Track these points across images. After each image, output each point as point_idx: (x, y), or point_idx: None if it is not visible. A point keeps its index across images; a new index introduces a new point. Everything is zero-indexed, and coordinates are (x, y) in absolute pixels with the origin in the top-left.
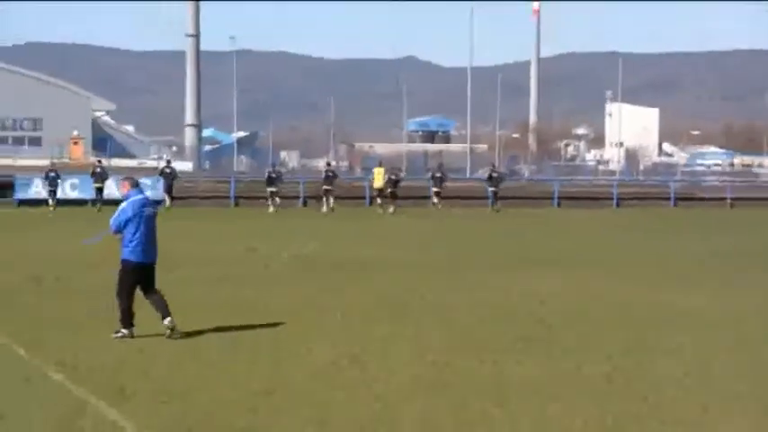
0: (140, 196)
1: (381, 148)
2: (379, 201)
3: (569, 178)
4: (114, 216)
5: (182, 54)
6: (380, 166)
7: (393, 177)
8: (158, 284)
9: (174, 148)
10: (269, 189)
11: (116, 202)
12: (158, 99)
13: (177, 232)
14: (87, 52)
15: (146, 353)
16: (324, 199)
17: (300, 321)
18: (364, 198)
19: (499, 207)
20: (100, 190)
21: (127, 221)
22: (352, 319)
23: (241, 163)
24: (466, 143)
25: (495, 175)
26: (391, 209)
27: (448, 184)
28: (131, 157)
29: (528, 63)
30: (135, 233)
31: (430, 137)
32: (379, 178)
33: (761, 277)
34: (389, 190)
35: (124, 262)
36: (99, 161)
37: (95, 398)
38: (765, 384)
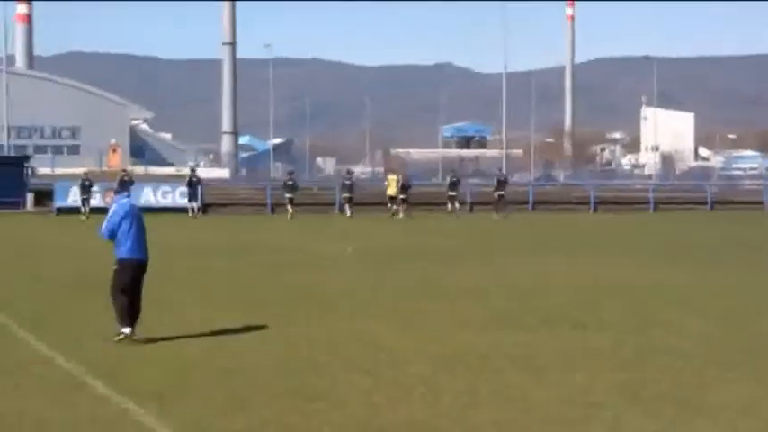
0: (126, 199)
1: (418, 154)
2: (393, 207)
3: (605, 183)
4: (105, 222)
5: (218, 63)
6: (393, 173)
7: (404, 184)
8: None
9: (211, 156)
10: (287, 196)
11: (159, 209)
12: (195, 107)
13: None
14: (126, 61)
15: (182, 358)
16: (346, 206)
17: (357, 300)
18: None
19: (507, 213)
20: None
21: (120, 222)
22: (398, 297)
23: (277, 170)
24: (502, 148)
25: (500, 179)
26: (401, 214)
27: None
28: (169, 164)
29: (562, 68)
30: (129, 231)
31: (466, 142)
32: (392, 185)
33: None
34: (401, 196)
35: (121, 261)
36: (124, 170)
37: (134, 404)
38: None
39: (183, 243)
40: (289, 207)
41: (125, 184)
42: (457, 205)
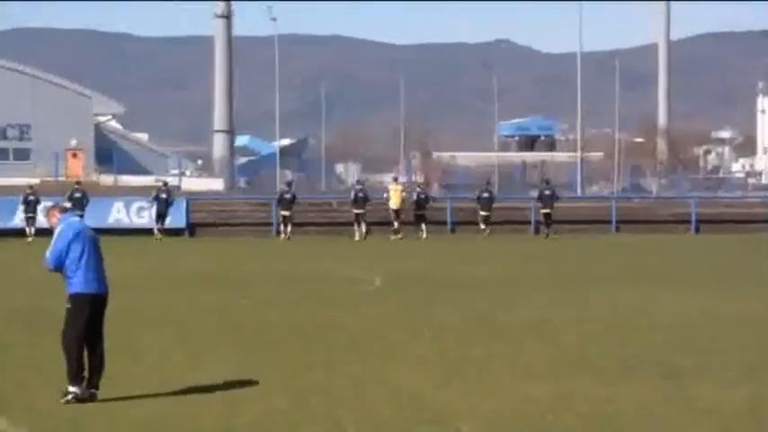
0: (76, 219)
1: (466, 159)
2: (395, 224)
3: (710, 196)
4: (50, 247)
5: (209, 41)
6: (396, 182)
7: (422, 196)
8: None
9: (200, 161)
10: (281, 213)
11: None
12: (179, 99)
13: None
14: (89, 39)
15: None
16: (355, 225)
17: (386, 343)
18: (445, 223)
19: (552, 232)
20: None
21: (68, 246)
22: (443, 339)
23: (285, 179)
24: (575, 151)
25: (546, 192)
26: (423, 233)
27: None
28: (145, 172)
29: (653, 48)
30: (81, 258)
31: (529, 143)
32: (396, 197)
33: None
34: (417, 212)
35: (74, 296)
36: (78, 183)
37: None
38: None
39: (161, 272)
40: (283, 227)
41: (77, 200)
42: (483, 225)
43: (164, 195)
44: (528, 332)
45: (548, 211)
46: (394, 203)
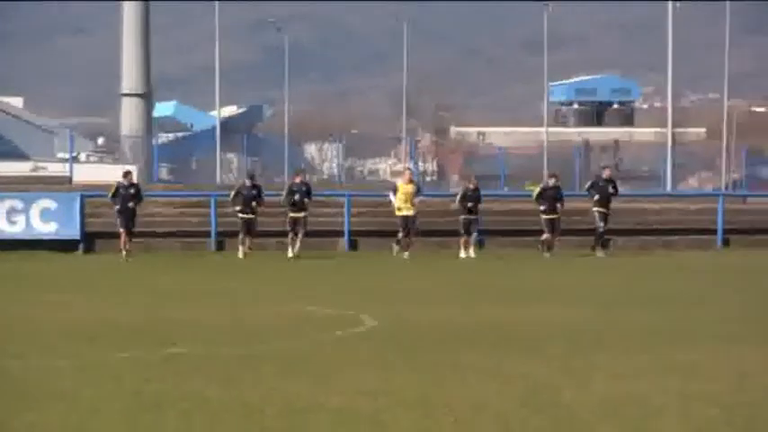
0: None
1: (502, 137)
2: (400, 235)
3: None
4: None
5: None
6: (408, 179)
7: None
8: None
9: (101, 140)
10: (241, 217)
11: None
12: (74, 50)
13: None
14: None
15: None
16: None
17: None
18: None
19: (611, 247)
20: None
21: None
22: (476, 424)
23: (230, 166)
24: (664, 126)
25: (602, 184)
26: (406, 254)
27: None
28: (19, 156)
29: None
30: None
31: (594, 114)
32: (407, 198)
33: None
34: (468, 217)
35: None
36: None
37: None
38: None
39: (32, 315)
40: (243, 242)
41: None
42: (546, 235)
43: (132, 190)
44: (607, 417)
45: (604, 211)
46: (403, 208)
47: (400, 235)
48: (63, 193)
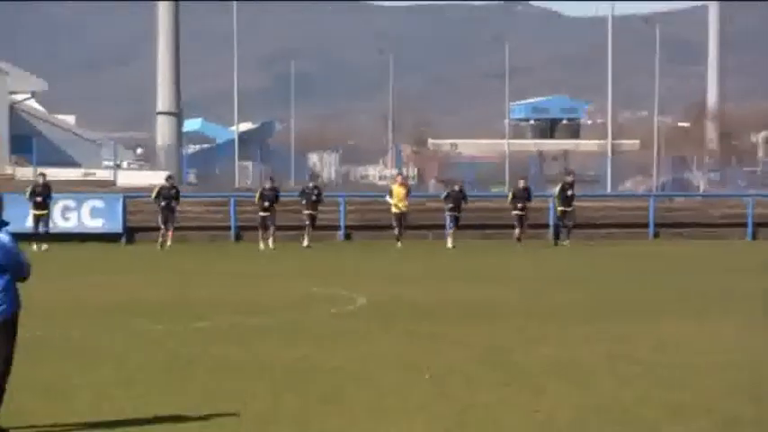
0: None
1: (470, 147)
2: (396, 230)
3: None
4: (19, 255)
5: (154, 6)
6: (400, 183)
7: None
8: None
9: (140, 150)
10: (261, 215)
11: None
12: (115, 74)
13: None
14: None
15: None
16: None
17: (376, 387)
18: (443, 227)
19: (567, 240)
20: (41, 219)
21: None
22: (446, 382)
23: (246, 172)
24: (605, 138)
25: (569, 191)
26: (398, 244)
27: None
28: (72, 164)
29: (702, 9)
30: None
31: (547, 129)
32: (400, 197)
33: None
34: (453, 213)
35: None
36: (43, 174)
37: None
38: None
39: (85, 294)
40: (264, 232)
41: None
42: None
43: (173, 190)
44: (551, 374)
45: (566, 208)
46: (398, 205)
47: (395, 229)
48: (108, 195)
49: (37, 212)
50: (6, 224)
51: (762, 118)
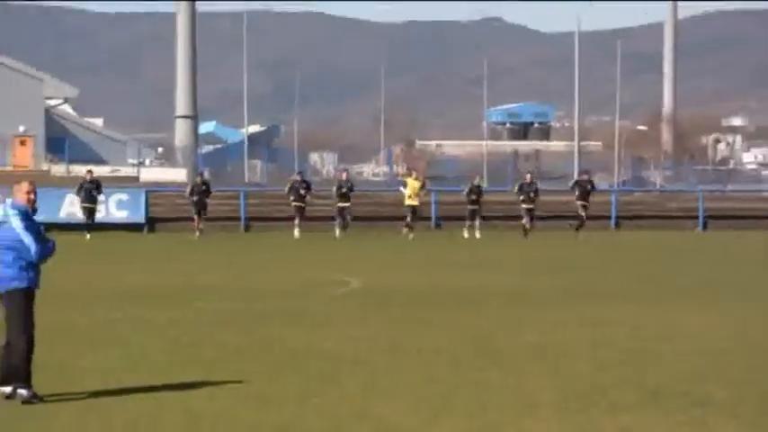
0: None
1: (453, 148)
2: (408, 219)
3: (720, 189)
4: (33, 238)
5: (171, 17)
6: (415, 177)
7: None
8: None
9: (161, 150)
10: (295, 205)
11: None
12: (138, 82)
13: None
14: (39, 15)
15: None
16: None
17: (370, 369)
18: (429, 219)
19: (530, 228)
20: (91, 212)
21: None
22: (435, 364)
23: (254, 170)
24: (572, 140)
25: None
26: (411, 234)
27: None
28: (100, 161)
29: (658, 27)
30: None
31: (522, 131)
32: (414, 191)
33: None
34: (473, 207)
35: (28, 291)
36: (90, 171)
37: None
38: None
39: (108, 281)
40: (298, 224)
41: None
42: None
43: (204, 187)
44: (531, 358)
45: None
46: (411, 198)
47: (408, 220)
48: (132, 189)
49: (86, 205)
50: (34, 212)
51: (711, 122)
